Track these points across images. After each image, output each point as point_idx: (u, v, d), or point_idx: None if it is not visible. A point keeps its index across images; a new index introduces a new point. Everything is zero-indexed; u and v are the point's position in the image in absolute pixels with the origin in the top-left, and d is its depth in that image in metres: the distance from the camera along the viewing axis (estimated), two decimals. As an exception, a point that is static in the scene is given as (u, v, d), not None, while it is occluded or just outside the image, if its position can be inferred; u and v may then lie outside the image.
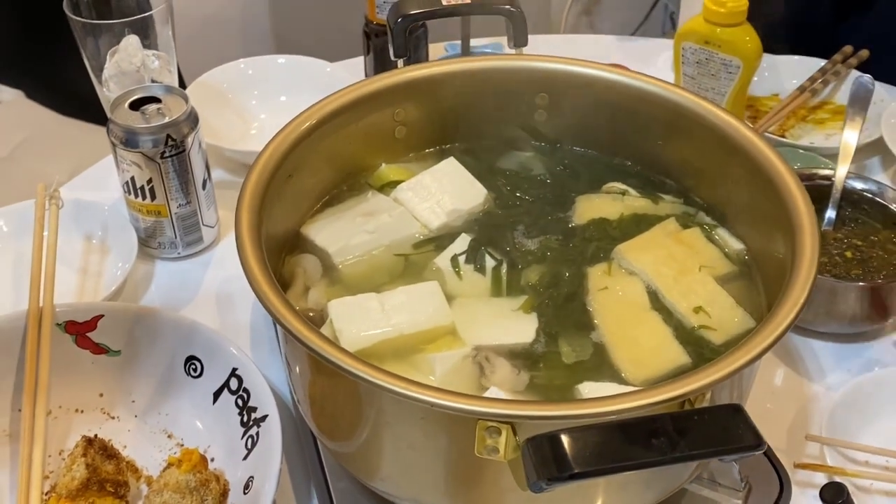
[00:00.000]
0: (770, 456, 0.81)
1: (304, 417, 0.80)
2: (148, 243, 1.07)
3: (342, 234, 0.80)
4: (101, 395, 0.93)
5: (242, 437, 0.86)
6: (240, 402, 0.88)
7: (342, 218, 0.82)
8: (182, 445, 0.90)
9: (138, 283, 1.07)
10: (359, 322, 0.73)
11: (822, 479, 0.85)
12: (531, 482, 0.53)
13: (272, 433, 0.83)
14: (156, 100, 1.02)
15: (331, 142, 0.81)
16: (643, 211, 0.84)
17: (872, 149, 1.21)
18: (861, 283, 0.95)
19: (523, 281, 0.78)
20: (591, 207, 0.84)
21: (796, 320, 0.61)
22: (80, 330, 0.93)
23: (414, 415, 0.62)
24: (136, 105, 1.02)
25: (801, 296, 0.62)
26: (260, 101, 1.28)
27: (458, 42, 1.30)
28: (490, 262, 0.79)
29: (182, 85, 1.21)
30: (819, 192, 1.05)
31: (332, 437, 0.75)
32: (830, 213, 1.05)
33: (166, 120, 1.00)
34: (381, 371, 0.60)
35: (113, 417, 0.92)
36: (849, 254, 1.00)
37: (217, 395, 0.90)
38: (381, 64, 1.31)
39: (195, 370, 0.91)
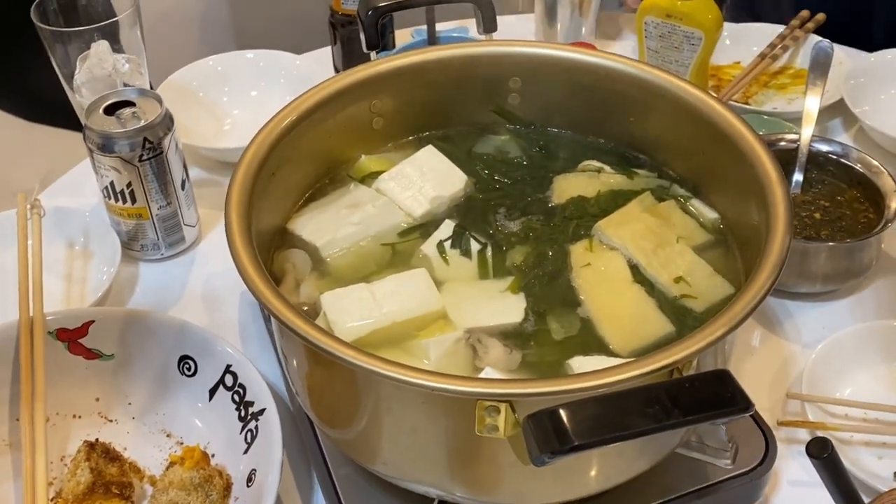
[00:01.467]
0: (754, 416, 0.84)
1: (302, 408, 0.81)
2: (130, 246, 1.08)
3: (328, 227, 0.82)
4: (98, 399, 0.94)
5: (241, 432, 0.88)
6: (236, 397, 0.89)
7: (327, 211, 0.83)
8: (182, 444, 0.91)
9: (124, 287, 1.08)
10: (352, 313, 0.74)
11: (804, 434, 0.89)
12: (534, 456, 0.55)
13: (271, 426, 0.84)
14: (130, 104, 1.03)
15: (310, 137, 0.83)
16: (619, 187, 0.86)
17: (834, 110, 1.25)
18: (831, 244, 0.98)
19: (508, 262, 0.80)
20: (569, 186, 0.86)
21: (773, 287, 0.64)
22: (71, 336, 0.94)
23: (414, 400, 0.64)
24: (111, 110, 1.03)
25: (777, 263, 0.64)
26: (231, 98, 1.29)
27: (424, 27, 1.32)
28: (475, 246, 0.81)
29: (150, 85, 1.21)
30: (785, 156, 1.08)
31: (333, 426, 0.77)
32: (798, 177, 1.08)
33: (142, 123, 1.00)
34: (379, 359, 0.62)
35: (111, 421, 0.94)
36: (817, 215, 1.04)
37: (213, 392, 0.91)
38: (349, 54, 1.32)
39: (189, 369, 0.92)
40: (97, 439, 0.88)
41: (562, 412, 0.54)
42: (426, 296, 0.76)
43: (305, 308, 0.77)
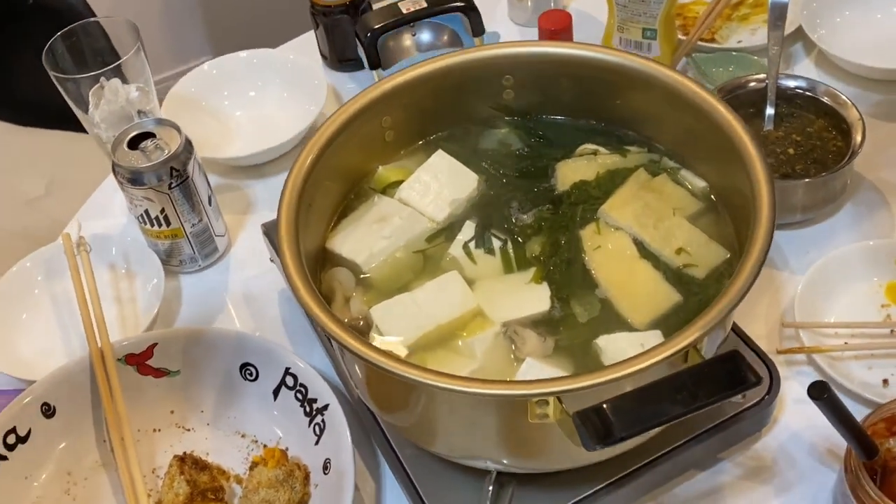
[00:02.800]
0: (757, 350, 0.96)
1: (362, 400, 0.92)
2: (169, 262, 1.18)
3: (364, 243, 0.91)
4: (172, 412, 1.05)
5: (310, 426, 0.99)
6: (299, 395, 1.00)
7: (359, 227, 0.93)
8: (256, 441, 1.02)
9: (170, 300, 1.17)
10: (400, 323, 0.85)
11: (802, 356, 1.01)
12: (586, 446, 0.66)
13: (337, 420, 0.96)
14: (150, 134, 1.11)
15: (333, 163, 0.91)
16: (615, 166, 0.96)
17: (795, 36, 1.33)
18: (807, 180, 1.08)
19: (528, 254, 0.90)
20: (571, 172, 0.95)
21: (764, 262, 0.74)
22: (139, 360, 1.04)
23: (472, 403, 0.75)
24: (134, 142, 1.11)
25: (763, 247, 0.75)
26: (231, 101, 1.36)
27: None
28: (497, 243, 0.90)
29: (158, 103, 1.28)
30: (755, 96, 1.18)
31: (394, 421, 0.88)
32: (769, 112, 1.17)
33: (167, 154, 1.08)
34: (439, 374, 0.73)
35: (188, 430, 1.05)
36: (791, 150, 1.14)
37: (276, 392, 1.02)
38: (333, 40, 1.39)
39: (251, 375, 1.03)
40: (185, 452, 0.99)
41: (605, 407, 0.65)
42: (462, 296, 0.86)
43: (360, 322, 0.87)
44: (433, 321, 0.85)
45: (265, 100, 1.36)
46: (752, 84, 1.18)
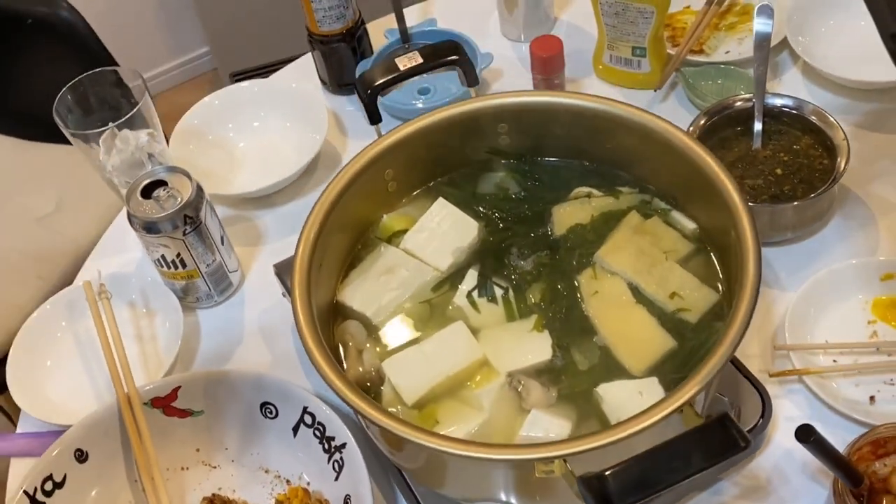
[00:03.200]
0: (749, 377, 1.01)
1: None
2: (186, 299, 1.23)
3: (373, 295, 0.96)
4: (198, 450, 1.11)
5: (329, 462, 1.04)
6: (317, 433, 1.06)
7: (367, 279, 0.98)
8: (279, 477, 1.08)
9: (189, 336, 1.22)
10: (411, 375, 0.90)
11: (793, 377, 1.06)
12: (590, 508, 0.72)
13: (354, 458, 1.01)
14: (162, 182, 1.15)
15: (340, 219, 0.96)
16: (608, 209, 1.00)
17: (781, 46, 1.37)
18: (795, 203, 1.12)
19: (529, 301, 0.95)
20: (566, 216, 1.00)
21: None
22: (164, 403, 1.10)
23: (481, 463, 0.81)
24: (147, 190, 1.15)
25: (747, 312, 0.80)
26: (236, 132, 1.40)
27: (395, 27, 1.42)
28: (498, 291, 0.95)
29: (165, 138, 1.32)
30: (743, 114, 1.22)
31: (408, 467, 0.94)
32: (757, 129, 1.21)
33: (180, 202, 1.13)
34: (446, 439, 0.78)
35: (214, 467, 1.10)
36: (778, 170, 1.18)
37: (295, 430, 1.07)
38: (331, 66, 1.43)
39: (271, 413, 1.08)
40: (213, 494, 1.05)
41: (607, 476, 0.71)
42: (468, 347, 0.92)
43: (373, 373, 0.92)
44: (442, 373, 0.90)
45: (268, 129, 1.39)
46: (739, 103, 1.22)
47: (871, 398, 1.04)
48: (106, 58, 1.96)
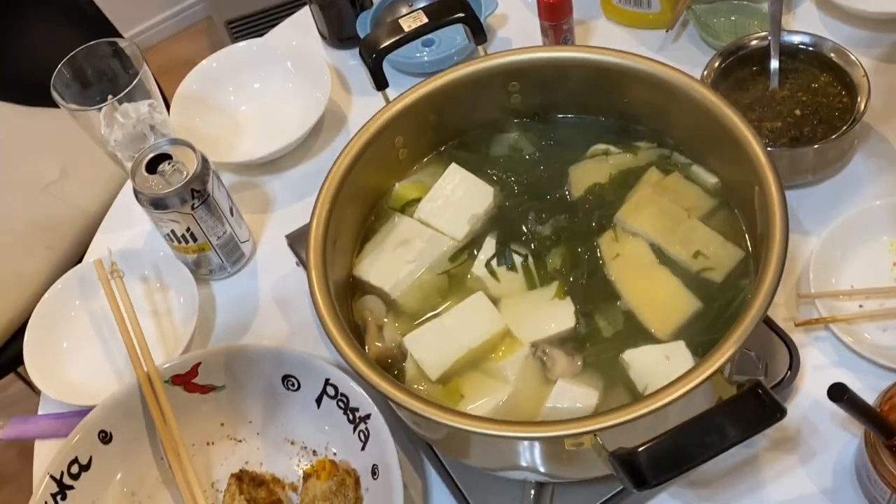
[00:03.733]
0: (776, 330, 1.00)
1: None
2: (199, 272, 1.21)
3: (390, 269, 0.94)
4: (222, 424, 1.10)
5: (354, 432, 1.04)
6: (341, 404, 1.05)
7: (383, 252, 0.96)
8: (305, 448, 1.08)
9: (205, 308, 1.21)
10: (433, 350, 0.89)
11: (819, 327, 1.04)
12: (626, 486, 0.71)
13: (380, 428, 1.00)
14: (167, 156, 1.13)
15: (352, 191, 0.93)
16: (627, 166, 0.97)
17: (794, -20, 1.32)
18: (816, 146, 1.09)
19: (550, 267, 0.93)
20: (584, 175, 0.97)
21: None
22: (185, 380, 1.09)
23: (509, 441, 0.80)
24: (151, 165, 1.13)
25: (776, 272, 0.77)
26: (237, 94, 1.37)
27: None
28: (518, 259, 0.93)
29: (166, 108, 1.29)
30: (759, 53, 1.18)
31: (434, 441, 0.93)
32: (774, 67, 1.17)
33: (186, 176, 1.11)
34: (473, 418, 0.77)
35: (240, 441, 1.10)
36: (797, 111, 1.15)
37: (319, 401, 1.07)
38: (329, 18, 1.39)
39: (293, 385, 1.08)
40: (241, 470, 1.05)
41: (640, 454, 0.69)
42: (489, 318, 0.90)
43: (395, 350, 0.91)
44: (464, 346, 0.89)
45: (270, 90, 1.36)
46: (755, 42, 1.18)
47: (900, 342, 1.02)
48: (96, 13, 1.92)
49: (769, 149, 1.05)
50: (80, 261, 1.63)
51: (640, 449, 0.70)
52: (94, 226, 1.71)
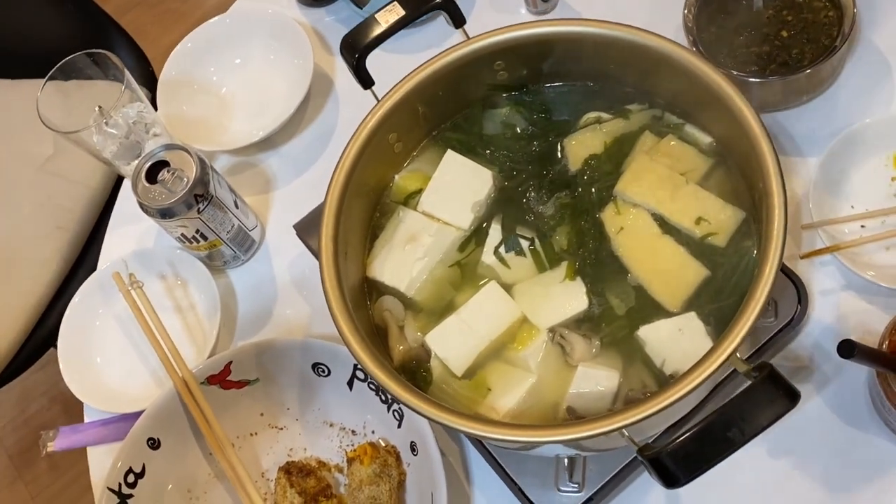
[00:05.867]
0: (784, 269, 1.02)
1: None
2: (213, 264, 1.24)
3: (401, 267, 0.96)
4: (262, 414, 1.16)
5: (388, 411, 1.09)
6: (371, 387, 1.09)
7: (392, 250, 0.98)
8: (344, 428, 1.13)
9: (226, 299, 1.24)
10: (455, 345, 0.92)
11: (828, 258, 1.06)
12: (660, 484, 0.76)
13: (413, 410, 1.05)
14: (164, 163, 1.14)
15: (353, 195, 0.94)
16: (621, 132, 0.98)
17: None
18: (808, 71, 1.09)
19: (557, 248, 0.95)
20: (579, 147, 0.98)
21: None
22: (219, 379, 1.13)
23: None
24: (151, 174, 1.14)
25: (777, 254, 0.79)
26: (218, 73, 1.35)
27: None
28: (525, 243, 0.95)
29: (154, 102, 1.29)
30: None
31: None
32: (759, -12, 1.16)
33: (187, 183, 1.12)
34: (498, 425, 0.81)
35: (281, 428, 1.15)
36: (784, 33, 1.14)
37: (350, 384, 1.11)
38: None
39: (323, 371, 1.12)
40: (288, 462, 1.11)
41: (667, 455, 0.73)
42: (505, 308, 0.93)
43: (418, 349, 0.94)
44: (485, 338, 0.92)
45: (251, 64, 1.35)
46: (736, -43, 1.16)
47: (903, 260, 1.05)
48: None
49: (760, 80, 1.06)
50: (90, 240, 1.67)
51: (667, 449, 0.74)
52: (98, 200, 1.73)
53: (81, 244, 1.75)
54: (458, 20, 0.97)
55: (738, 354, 0.79)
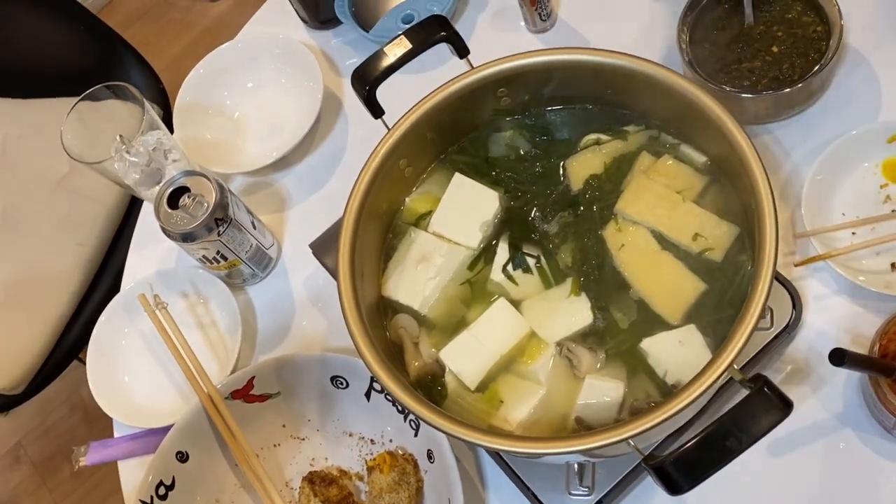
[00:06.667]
0: (777, 277, 1.07)
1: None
2: (233, 282, 1.29)
3: (415, 286, 1.02)
4: (284, 426, 1.21)
5: (405, 421, 1.14)
6: (388, 398, 1.15)
7: (405, 270, 1.03)
8: (364, 438, 1.19)
9: (245, 315, 1.30)
10: (468, 360, 0.97)
11: (821, 264, 1.11)
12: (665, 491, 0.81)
13: (429, 419, 1.10)
14: (185, 189, 1.19)
15: (367, 221, 0.99)
16: (619, 152, 1.03)
17: None
18: (800, 85, 1.13)
19: (562, 265, 1.00)
20: (580, 168, 1.03)
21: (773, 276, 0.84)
22: (243, 393, 1.19)
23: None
24: (172, 200, 1.19)
25: (770, 268, 0.84)
26: (232, 97, 1.41)
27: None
28: (531, 260, 1.01)
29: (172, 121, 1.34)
30: (732, -11, 1.21)
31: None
32: (748, 10, 1.20)
33: (207, 208, 1.17)
34: (513, 438, 0.87)
35: (303, 439, 1.21)
36: (775, 48, 1.18)
37: (368, 395, 1.17)
38: (306, 2, 1.41)
39: (342, 384, 1.17)
40: (311, 472, 1.16)
41: (670, 465, 0.79)
42: (514, 323, 0.98)
43: (434, 365, 0.99)
44: (496, 352, 0.97)
45: (263, 87, 1.40)
46: (726, -25, 1.21)
47: (893, 265, 1.10)
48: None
49: (752, 95, 1.11)
50: (108, 254, 1.73)
51: (670, 459, 0.79)
52: (115, 216, 1.78)
53: (100, 260, 1.80)
54: (462, 51, 1.02)
55: (735, 365, 0.84)
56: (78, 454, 1.26)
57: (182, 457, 1.17)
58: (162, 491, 1.15)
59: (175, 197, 1.19)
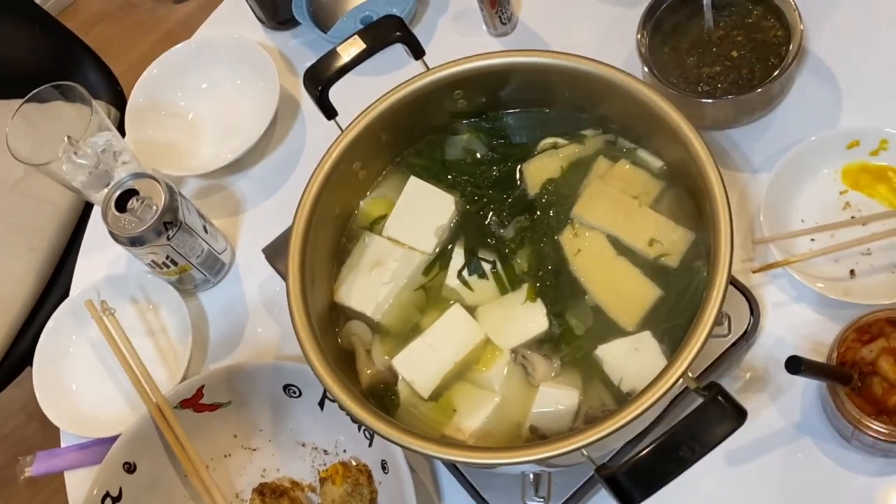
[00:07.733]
0: (735, 283, 1.06)
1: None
2: (184, 288, 1.26)
3: (368, 292, 0.99)
4: (235, 436, 1.18)
5: (360, 431, 1.11)
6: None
7: (359, 275, 1.00)
8: (317, 448, 1.16)
9: (197, 321, 1.27)
10: (421, 368, 0.95)
11: (780, 271, 1.10)
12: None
13: (383, 428, 1.08)
14: (133, 191, 1.16)
15: (319, 224, 0.97)
16: (576, 157, 1.01)
17: None
18: (759, 90, 1.12)
19: (518, 270, 0.98)
20: (537, 172, 1.01)
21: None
22: (192, 402, 1.16)
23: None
24: (120, 203, 1.16)
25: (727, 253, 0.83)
26: (186, 98, 1.38)
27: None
28: (487, 266, 0.99)
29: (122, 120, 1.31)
30: (692, -6, 1.20)
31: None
32: (706, 3, 1.19)
33: (156, 210, 1.14)
34: (467, 448, 0.85)
35: (254, 449, 1.18)
36: (734, 53, 1.17)
37: (321, 404, 1.14)
38: (263, 3, 1.38)
39: (294, 393, 1.15)
40: (262, 483, 1.13)
41: (623, 475, 0.77)
42: (468, 330, 0.96)
43: (385, 372, 0.97)
44: (449, 360, 0.95)
45: (218, 88, 1.37)
46: (686, -19, 1.20)
47: (851, 272, 1.09)
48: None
49: (712, 101, 1.10)
50: (63, 259, 1.69)
51: (622, 469, 0.77)
52: (69, 221, 1.74)
53: (54, 264, 1.76)
54: (418, 52, 1.00)
55: (690, 373, 0.83)
56: (24, 464, 1.22)
57: (130, 467, 1.13)
58: (108, 502, 1.12)
59: (123, 200, 1.16)
